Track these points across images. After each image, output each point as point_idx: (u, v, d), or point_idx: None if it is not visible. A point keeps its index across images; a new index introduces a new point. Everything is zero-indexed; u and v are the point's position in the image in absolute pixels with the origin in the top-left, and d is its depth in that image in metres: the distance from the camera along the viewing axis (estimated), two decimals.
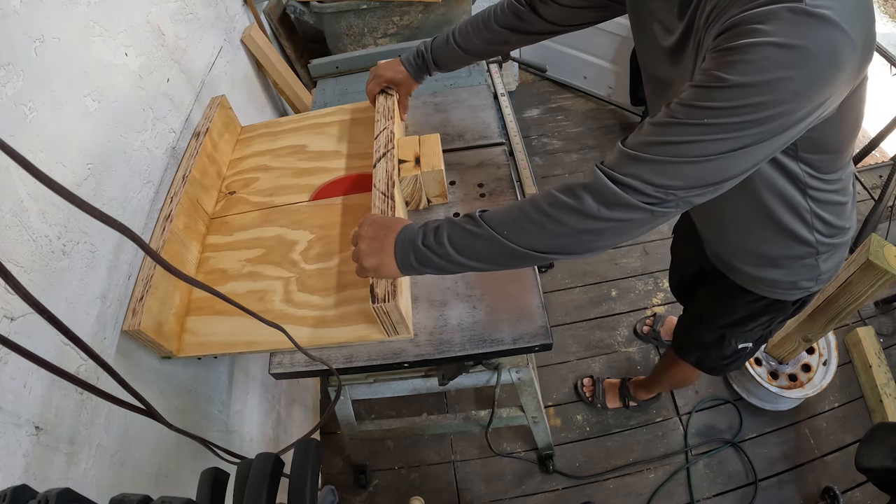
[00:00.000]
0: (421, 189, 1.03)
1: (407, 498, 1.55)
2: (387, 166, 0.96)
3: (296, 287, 0.96)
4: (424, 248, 0.69)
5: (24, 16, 0.73)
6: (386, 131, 1.03)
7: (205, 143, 1.12)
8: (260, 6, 1.78)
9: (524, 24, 0.94)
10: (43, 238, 0.71)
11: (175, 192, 1.02)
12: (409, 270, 0.73)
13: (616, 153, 0.60)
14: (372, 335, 0.87)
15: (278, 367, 0.90)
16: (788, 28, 0.48)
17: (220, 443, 0.69)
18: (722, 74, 0.51)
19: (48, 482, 0.66)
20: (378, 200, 0.89)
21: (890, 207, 1.84)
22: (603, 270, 2.11)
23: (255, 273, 1.00)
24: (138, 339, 0.85)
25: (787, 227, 0.81)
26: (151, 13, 1.07)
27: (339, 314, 0.91)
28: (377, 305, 0.77)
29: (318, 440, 1.35)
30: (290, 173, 1.17)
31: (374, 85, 1.12)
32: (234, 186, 1.18)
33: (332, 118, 1.27)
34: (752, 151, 0.54)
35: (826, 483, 1.53)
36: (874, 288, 1.29)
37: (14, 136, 0.69)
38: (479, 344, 0.87)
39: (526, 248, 0.64)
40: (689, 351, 1.23)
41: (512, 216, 0.65)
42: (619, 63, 2.49)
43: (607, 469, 1.64)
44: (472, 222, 0.67)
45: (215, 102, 1.22)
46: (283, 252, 1.02)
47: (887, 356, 1.72)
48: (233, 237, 1.08)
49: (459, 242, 0.67)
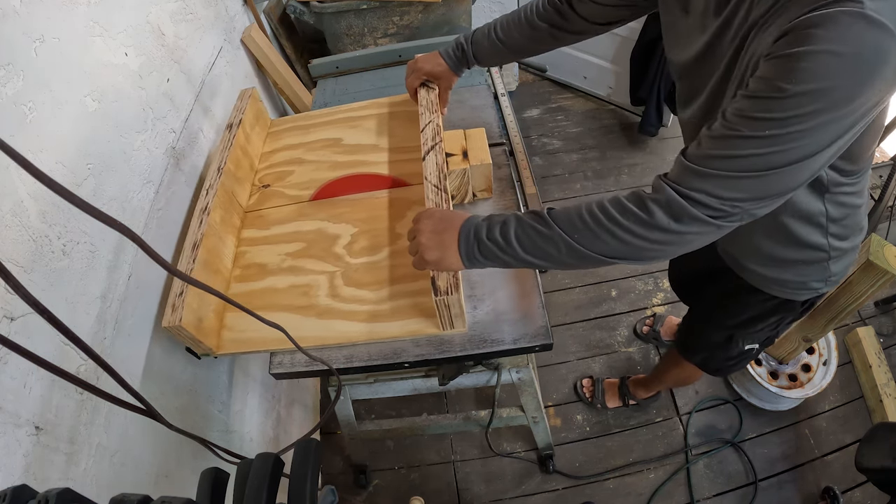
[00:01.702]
0: (468, 183, 1.02)
1: (407, 498, 1.55)
2: (436, 159, 0.94)
3: (342, 281, 0.94)
4: (489, 243, 0.70)
5: (24, 16, 0.73)
6: (432, 124, 1.01)
7: (238, 135, 1.10)
8: (260, 6, 1.78)
9: (562, 21, 0.94)
10: (43, 238, 0.71)
11: (210, 184, 0.99)
12: (473, 263, 0.73)
13: (680, 167, 0.60)
14: (426, 329, 0.86)
15: (278, 367, 0.90)
16: (846, 33, 0.48)
17: (220, 443, 0.69)
18: (782, 84, 0.51)
19: (48, 482, 0.66)
20: (431, 193, 0.88)
21: (890, 207, 1.84)
22: (603, 270, 2.10)
23: (297, 267, 0.98)
24: (178, 336, 0.83)
25: (802, 233, 0.82)
26: (151, 13, 1.07)
27: (391, 309, 0.89)
28: (440, 298, 0.76)
29: (318, 440, 1.35)
30: (326, 167, 1.15)
31: (413, 78, 1.10)
32: (267, 180, 1.16)
33: (366, 112, 1.25)
34: (815, 160, 0.55)
35: (826, 483, 1.53)
36: (874, 288, 1.29)
37: (14, 136, 0.69)
38: (480, 344, 0.87)
39: (595, 252, 0.65)
40: (695, 352, 1.22)
41: (583, 220, 0.65)
42: (619, 63, 2.49)
43: (607, 469, 1.64)
44: (541, 222, 0.67)
45: (246, 94, 1.20)
46: (324, 246, 1.00)
47: (887, 356, 1.72)
48: (269, 231, 1.06)
49: (527, 242, 0.68)
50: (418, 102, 1.09)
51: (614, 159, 2.49)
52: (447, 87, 1.12)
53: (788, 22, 0.52)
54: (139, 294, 0.92)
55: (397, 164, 1.12)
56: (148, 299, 0.95)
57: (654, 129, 2.38)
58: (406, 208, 1.04)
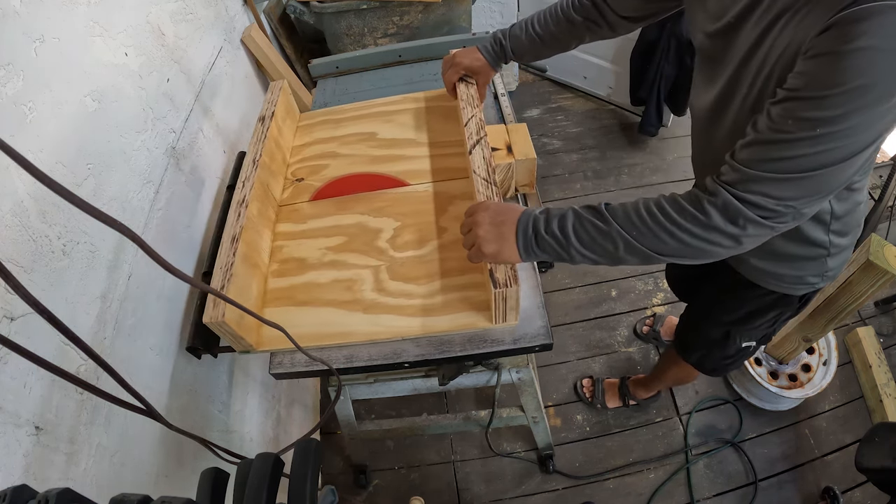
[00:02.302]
0: (512, 177, 1.02)
1: (407, 498, 1.55)
2: (483, 153, 0.93)
3: (387, 275, 0.93)
4: (547, 237, 0.70)
5: (24, 16, 0.73)
6: (475, 118, 1.01)
7: (272, 128, 1.08)
8: (260, 6, 1.78)
9: (597, 15, 0.95)
10: (43, 238, 0.71)
11: (247, 176, 0.97)
12: (530, 256, 0.74)
13: (733, 170, 0.61)
14: (477, 323, 0.86)
15: (278, 367, 0.90)
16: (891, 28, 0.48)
17: (220, 443, 0.69)
18: (831, 82, 0.51)
19: (48, 482, 0.66)
20: (482, 186, 0.87)
21: (890, 207, 1.84)
22: (603, 270, 2.10)
23: (339, 262, 0.97)
24: (219, 332, 0.81)
25: (806, 229, 0.83)
26: (151, 13, 1.07)
27: (441, 302, 0.89)
28: (499, 291, 0.76)
29: (318, 440, 1.35)
30: (362, 161, 1.14)
31: (452, 73, 1.10)
32: (300, 173, 1.15)
33: (400, 106, 1.25)
34: (862, 155, 0.56)
35: (826, 483, 1.53)
36: (874, 288, 1.29)
37: (14, 136, 0.69)
38: (480, 344, 0.87)
39: (652, 250, 0.66)
40: (692, 350, 1.22)
41: (641, 218, 0.65)
42: (619, 63, 2.49)
43: (607, 469, 1.64)
44: (599, 217, 0.68)
45: (277, 87, 1.19)
46: (366, 240, 0.99)
47: (887, 356, 1.72)
48: (307, 225, 1.05)
49: (585, 237, 0.68)
50: (458, 97, 1.08)
51: (614, 159, 2.50)
52: (485, 82, 1.12)
53: (829, 15, 0.52)
54: (139, 294, 0.92)
55: (438, 159, 1.11)
56: (148, 299, 0.95)
57: (654, 129, 2.38)
58: (448, 203, 1.02)
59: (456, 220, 0.99)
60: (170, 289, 1.02)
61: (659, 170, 2.43)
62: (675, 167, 2.42)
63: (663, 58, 2.13)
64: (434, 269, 0.93)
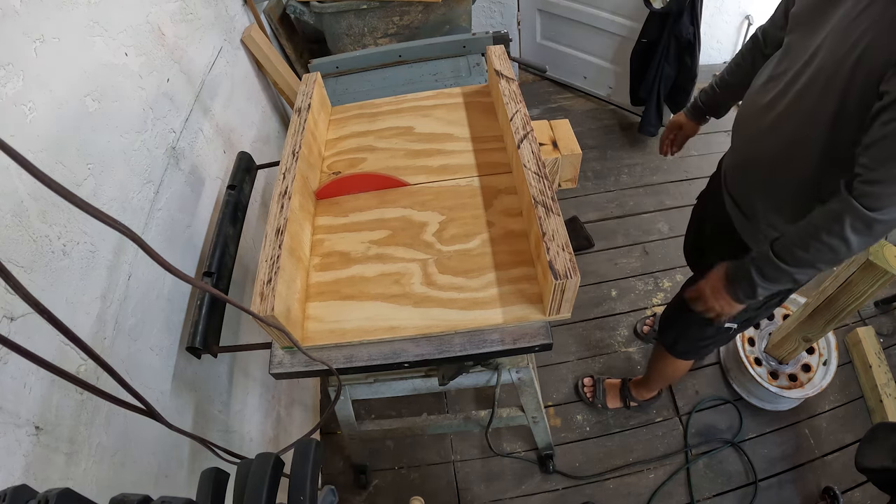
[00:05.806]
0: (557, 172, 1.02)
1: (407, 498, 1.55)
2: (531, 147, 0.93)
3: (436, 269, 0.93)
4: (768, 284, 0.88)
5: (24, 16, 0.73)
6: (520, 114, 1.01)
7: (309, 120, 1.07)
8: (260, 6, 1.78)
9: (755, 49, 1.08)
10: (43, 238, 0.71)
11: (287, 167, 0.96)
12: (754, 299, 0.91)
13: (865, 192, 0.73)
14: (530, 316, 0.85)
15: (278, 367, 0.90)
16: None
17: (220, 443, 0.69)
18: None
19: (48, 482, 0.66)
20: (533, 180, 0.87)
21: None
22: (603, 270, 2.11)
23: (385, 255, 0.96)
24: (265, 327, 0.79)
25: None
26: (151, 13, 1.07)
27: (492, 295, 0.88)
28: (559, 282, 0.76)
29: (318, 440, 1.35)
30: (401, 154, 1.13)
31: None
32: (337, 167, 1.13)
33: (436, 101, 1.24)
34: None
35: (826, 483, 1.53)
36: (874, 288, 1.29)
37: (14, 136, 0.69)
38: (480, 344, 0.87)
39: (827, 266, 0.84)
40: (670, 328, 1.23)
41: (819, 251, 0.80)
42: (619, 63, 2.49)
43: (607, 469, 1.64)
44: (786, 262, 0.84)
45: (311, 79, 1.17)
46: (412, 234, 0.98)
47: (887, 356, 1.72)
48: (348, 218, 1.04)
49: (805, 264, 0.83)
50: (500, 92, 1.08)
51: (614, 159, 2.49)
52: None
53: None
54: (139, 294, 0.92)
55: (481, 153, 1.10)
56: (148, 299, 0.95)
57: (654, 129, 2.38)
58: (493, 197, 1.02)
59: (503, 213, 0.99)
60: (170, 289, 1.02)
61: (659, 170, 2.43)
62: (676, 167, 2.42)
63: (663, 58, 2.13)
64: (483, 263, 0.92)
